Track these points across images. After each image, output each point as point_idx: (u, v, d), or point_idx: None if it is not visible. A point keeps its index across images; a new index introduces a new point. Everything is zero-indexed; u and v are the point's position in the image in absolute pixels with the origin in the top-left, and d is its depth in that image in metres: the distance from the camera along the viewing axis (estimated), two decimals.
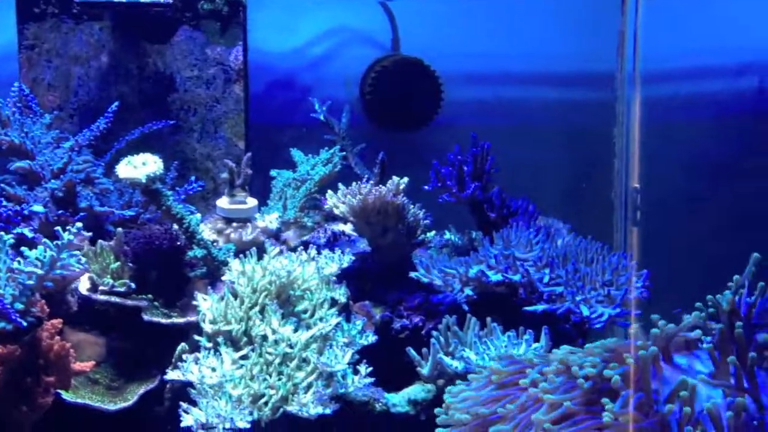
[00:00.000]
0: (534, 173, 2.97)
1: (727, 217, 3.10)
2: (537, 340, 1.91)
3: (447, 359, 1.91)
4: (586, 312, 1.89)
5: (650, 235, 2.79)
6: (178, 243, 2.06)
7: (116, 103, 2.30)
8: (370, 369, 1.91)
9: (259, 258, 2.00)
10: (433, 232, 2.31)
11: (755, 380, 1.28)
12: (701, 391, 1.30)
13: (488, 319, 1.97)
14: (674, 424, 1.23)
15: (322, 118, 2.72)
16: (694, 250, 3.05)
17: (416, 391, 2.02)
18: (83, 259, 1.90)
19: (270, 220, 2.22)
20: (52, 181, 2.14)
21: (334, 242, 2.42)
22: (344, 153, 2.51)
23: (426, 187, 2.44)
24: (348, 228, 2.43)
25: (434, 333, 1.99)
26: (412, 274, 2.18)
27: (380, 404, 2.00)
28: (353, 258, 2.06)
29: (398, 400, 2.02)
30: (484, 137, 2.47)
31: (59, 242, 1.75)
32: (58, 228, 1.78)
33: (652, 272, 2.12)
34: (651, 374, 1.30)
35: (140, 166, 1.94)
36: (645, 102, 2.92)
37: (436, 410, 1.70)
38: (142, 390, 1.95)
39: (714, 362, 1.32)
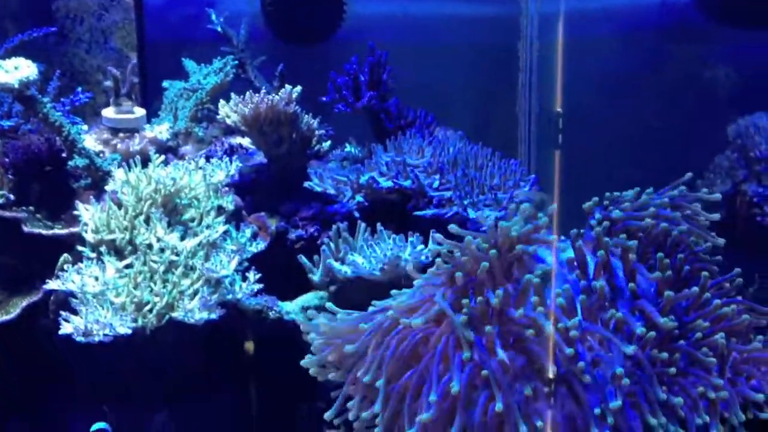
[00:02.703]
0: (440, 87, 2.96)
1: (627, 131, 3.16)
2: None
3: (336, 264, 1.92)
4: (473, 215, 1.91)
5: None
6: (59, 153, 1.99)
7: None
8: (259, 275, 1.90)
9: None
10: (329, 143, 2.29)
11: (609, 265, 1.31)
12: (562, 277, 1.33)
13: (378, 224, 1.97)
14: (530, 307, 1.26)
15: (219, 29, 2.63)
16: (597, 163, 3.11)
17: (309, 298, 2.03)
18: None
19: (160, 130, 2.16)
20: None
21: (231, 155, 2.38)
22: (237, 62, 2.44)
23: (323, 99, 2.41)
24: (246, 141, 2.39)
25: (325, 239, 1.99)
26: (306, 184, 2.17)
27: (273, 312, 2.00)
28: (240, 165, 2.03)
29: (291, 308, 2.02)
30: (389, 52, 2.43)
31: None
32: None
33: (562, 188, 2.15)
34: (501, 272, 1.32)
35: (12, 71, 1.85)
36: (550, 17, 2.91)
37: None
38: (24, 303, 1.91)
39: (574, 250, 1.35)
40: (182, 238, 1.87)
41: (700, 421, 1.21)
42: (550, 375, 1.26)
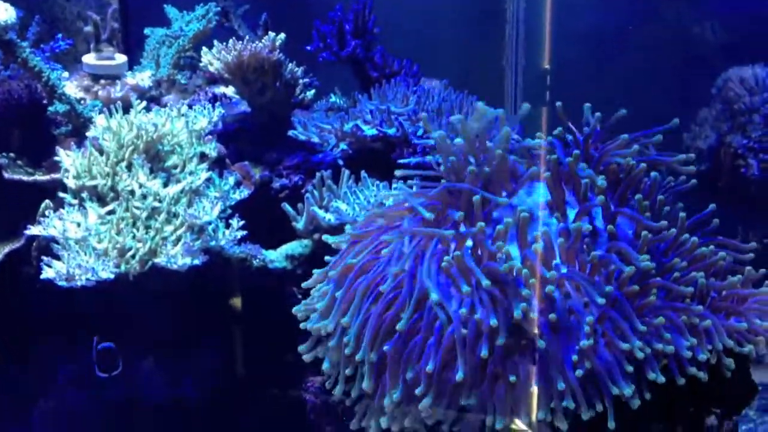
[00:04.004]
0: (425, 37, 2.93)
1: (615, 86, 3.15)
2: None
3: (320, 212, 1.91)
4: None
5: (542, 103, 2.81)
6: (40, 99, 1.96)
7: None
8: (243, 223, 1.90)
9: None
10: (314, 91, 2.26)
11: (588, 208, 1.31)
12: (540, 219, 1.33)
13: (362, 172, 1.96)
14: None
15: None
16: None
17: (293, 246, 2.03)
18: None
19: (141, 77, 2.14)
20: None
21: (214, 104, 2.36)
22: (220, 9, 2.40)
23: (308, 47, 2.39)
24: (230, 91, 2.37)
25: (309, 187, 1.99)
26: (290, 133, 2.16)
27: (258, 260, 2.00)
28: (223, 112, 2.01)
29: (276, 256, 2.02)
30: (373, 0, 2.40)
31: None
32: None
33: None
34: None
35: None
36: None
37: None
38: (6, 249, 1.90)
39: (550, 190, 1.35)
40: (165, 185, 1.86)
41: (687, 343, 1.21)
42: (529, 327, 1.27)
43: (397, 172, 1.59)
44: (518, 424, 1.33)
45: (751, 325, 1.25)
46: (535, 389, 1.26)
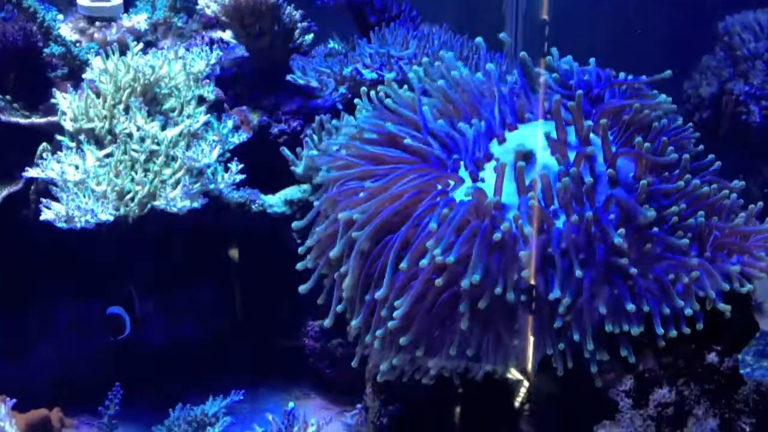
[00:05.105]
0: None
1: (616, 33, 3.12)
2: None
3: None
4: None
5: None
6: (35, 42, 1.93)
7: None
8: (241, 167, 1.89)
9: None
10: (312, 35, 2.23)
11: (588, 153, 1.29)
12: (540, 159, 1.32)
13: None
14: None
15: None
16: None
17: (292, 191, 2.02)
18: None
19: (137, 20, 2.11)
20: None
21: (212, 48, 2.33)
22: None
23: None
24: (227, 35, 2.33)
25: (308, 131, 1.97)
26: (289, 77, 2.13)
27: (257, 205, 1.99)
28: (221, 55, 1.99)
29: (275, 201, 2.02)
30: None
31: None
32: None
33: None
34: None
35: None
36: None
37: None
38: (5, 192, 1.89)
39: (550, 133, 1.33)
40: (163, 128, 1.85)
41: (668, 310, 1.22)
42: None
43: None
44: (514, 373, 1.34)
45: (755, 262, 1.25)
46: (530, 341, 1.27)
